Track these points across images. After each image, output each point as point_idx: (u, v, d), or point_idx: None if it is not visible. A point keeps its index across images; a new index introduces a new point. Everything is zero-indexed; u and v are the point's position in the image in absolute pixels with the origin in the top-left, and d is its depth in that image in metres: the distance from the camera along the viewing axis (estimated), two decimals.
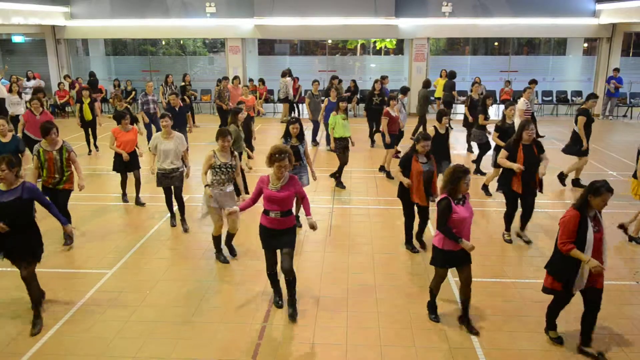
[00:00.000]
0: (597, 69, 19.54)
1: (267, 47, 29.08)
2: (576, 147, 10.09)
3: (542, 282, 5.22)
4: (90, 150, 13.46)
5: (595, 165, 11.90)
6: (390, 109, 11.03)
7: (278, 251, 5.68)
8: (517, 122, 9.58)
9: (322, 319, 5.74)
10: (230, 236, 7.22)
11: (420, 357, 5.07)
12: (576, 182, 10.40)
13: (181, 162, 8.09)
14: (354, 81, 18.15)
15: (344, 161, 10.47)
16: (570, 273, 4.92)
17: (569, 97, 19.86)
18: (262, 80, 19.14)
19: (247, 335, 5.41)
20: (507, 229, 7.89)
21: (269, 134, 15.74)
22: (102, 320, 5.70)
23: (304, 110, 17.31)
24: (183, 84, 16.65)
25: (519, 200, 7.61)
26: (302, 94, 18.16)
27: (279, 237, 5.57)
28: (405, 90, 12.78)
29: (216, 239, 7.15)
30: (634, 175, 7.86)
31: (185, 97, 16.21)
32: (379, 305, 6.01)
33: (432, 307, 5.78)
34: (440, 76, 18.04)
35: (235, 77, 15.61)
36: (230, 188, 6.89)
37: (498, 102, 19.01)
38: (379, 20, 18.65)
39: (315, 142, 14.34)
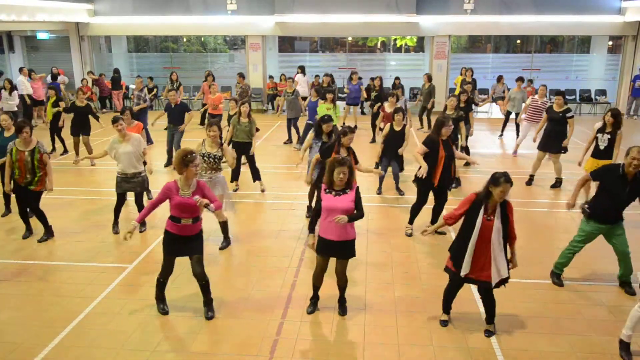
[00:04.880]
0: (622, 68, 19.20)
1: (287, 44, 29.13)
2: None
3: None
4: (53, 149, 13.07)
5: None
6: (387, 105, 11.39)
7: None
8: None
9: (339, 316, 5.73)
10: (221, 225, 7.39)
11: (438, 357, 5.05)
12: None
13: (142, 165, 7.91)
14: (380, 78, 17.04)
15: None
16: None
17: (592, 96, 19.56)
18: (284, 76, 19.08)
19: (265, 331, 5.44)
20: (411, 222, 7.97)
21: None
22: (122, 314, 5.77)
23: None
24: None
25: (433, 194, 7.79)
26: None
27: (188, 243, 5.50)
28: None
29: None
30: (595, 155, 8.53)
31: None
32: (396, 303, 5.99)
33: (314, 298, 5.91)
34: (461, 74, 17.89)
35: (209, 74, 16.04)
36: (219, 176, 7.21)
37: None
38: (400, 18, 18.55)
39: (289, 141, 14.24)
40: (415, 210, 7.87)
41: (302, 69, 18.55)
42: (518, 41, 27.35)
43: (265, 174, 10.97)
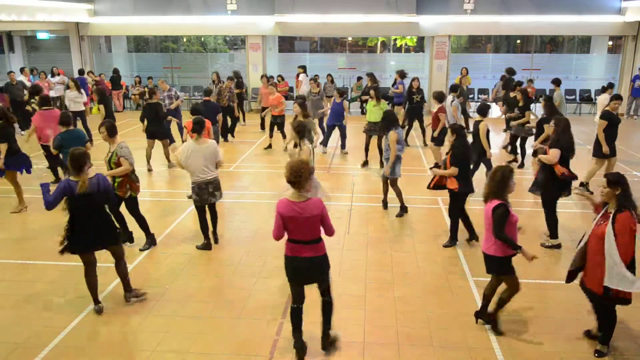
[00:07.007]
0: (622, 68, 19.20)
1: (287, 44, 29.14)
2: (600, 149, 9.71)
3: (565, 283, 5.14)
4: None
5: (619, 166, 11.68)
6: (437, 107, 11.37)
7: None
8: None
9: (340, 316, 5.73)
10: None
11: (438, 357, 5.04)
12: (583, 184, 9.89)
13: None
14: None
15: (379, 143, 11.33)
16: None
17: (592, 96, 19.56)
18: (281, 77, 19.12)
19: (265, 331, 5.44)
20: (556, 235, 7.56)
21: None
22: (122, 314, 5.77)
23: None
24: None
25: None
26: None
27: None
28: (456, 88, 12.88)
29: None
30: None
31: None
32: (397, 303, 5.99)
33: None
34: (461, 74, 17.89)
35: (263, 76, 15.36)
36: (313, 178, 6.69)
37: None
38: (400, 18, 18.54)
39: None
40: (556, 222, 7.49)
41: (304, 69, 18.53)
42: (518, 41, 27.38)
43: (268, 174, 10.98)
